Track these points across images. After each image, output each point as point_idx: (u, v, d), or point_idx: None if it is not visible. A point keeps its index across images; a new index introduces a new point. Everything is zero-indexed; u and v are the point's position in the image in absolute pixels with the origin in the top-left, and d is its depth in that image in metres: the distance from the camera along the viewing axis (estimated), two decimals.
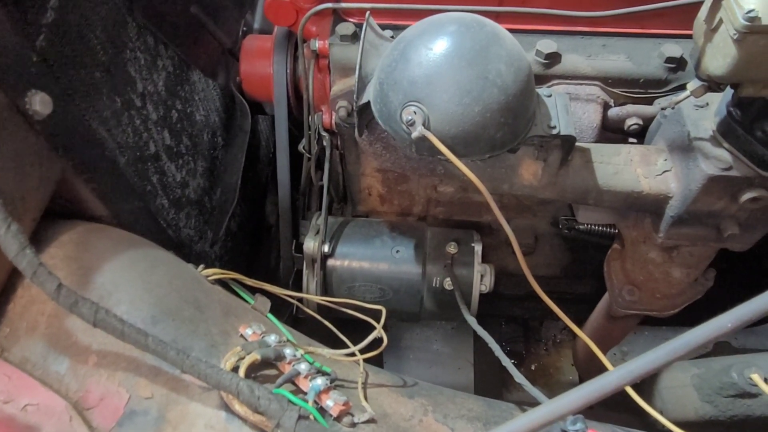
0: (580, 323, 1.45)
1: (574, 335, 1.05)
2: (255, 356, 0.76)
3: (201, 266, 0.97)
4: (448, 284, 1.23)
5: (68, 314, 0.71)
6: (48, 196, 0.84)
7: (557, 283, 1.59)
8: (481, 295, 1.24)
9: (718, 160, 0.91)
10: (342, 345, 0.93)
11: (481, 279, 1.24)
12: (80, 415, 0.70)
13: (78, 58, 0.86)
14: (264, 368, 0.79)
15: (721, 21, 0.76)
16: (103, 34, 0.92)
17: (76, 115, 0.87)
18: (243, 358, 0.76)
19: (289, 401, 0.71)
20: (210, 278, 0.95)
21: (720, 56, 0.78)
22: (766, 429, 1.13)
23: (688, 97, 0.89)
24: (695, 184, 0.93)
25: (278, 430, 0.68)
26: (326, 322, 1.09)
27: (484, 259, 1.26)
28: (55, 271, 0.71)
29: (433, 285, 1.24)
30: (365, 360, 0.91)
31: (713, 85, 0.85)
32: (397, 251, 1.26)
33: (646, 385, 1.28)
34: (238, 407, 0.71)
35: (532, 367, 2.11)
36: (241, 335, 0.84)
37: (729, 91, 0.90)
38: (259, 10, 1.50)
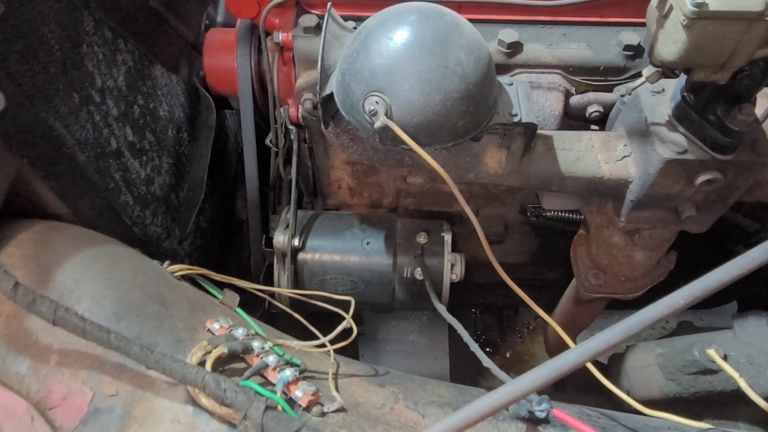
0: (550, 309, 1.48)
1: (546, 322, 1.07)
2: (222, 350, 0.76)
3: (167, 262, 0.95)
4: (418, 274, 1.24)
5: (28, 313, 0.69)
6: (3, 195, 0.82)
7: (527, 271, 1.61)
8: (453, 285, 1.26)
9: (673, 144, 0.93)
10: (315, 338, 0.93)
11: (452, 268, 1.25)
12: (42, 415, 0.69)
13: (31, 53, 0.84)
14: (232, 362, 0.79)
15: (671, 8, 0.78)
16: (58, 28, 0.90)
17: (30, 111, 0.84)
18: (210, 352, 0.75)
19: (257, 392, 0.71)
20: (176, 274, 0.94)
21: (671, 42, 0.80)
22: (727, 404, 1.17)
23: (644, 83, 0.91)
24: (653, 168, 0.95)
25: (246, 422, 0.68)
26: (297, 315, 1.09)
27: (455, 249, 1.28)
28: (12, 271, 0.70)
29: (404, 276, 1.25)
30: (336, 351, 0.91)
31: (667, 70, 0.87)
32: (368, 243, 1.26)
33: (613, 366, 1.32)
34: (204, 401, 0.70)
35: (507, 355, 2.14)
36: (208, 330, 0.83)
37: (683, 77, 0.93)
38: (222, 2, 1.49)
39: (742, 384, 0.89)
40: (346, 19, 1.03)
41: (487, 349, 2.11)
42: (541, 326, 2.16)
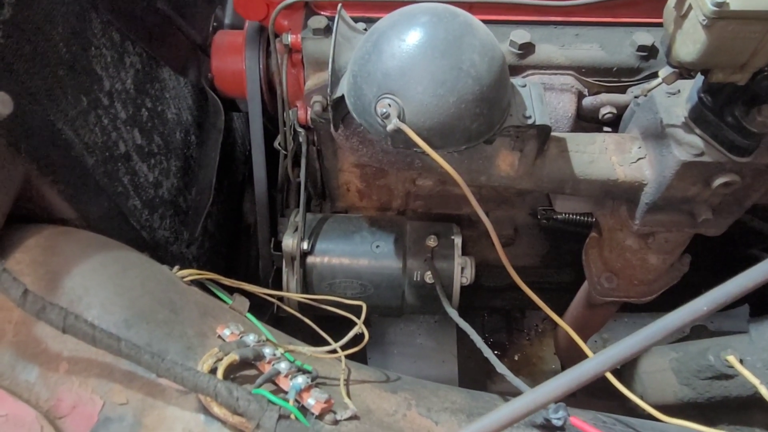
0: (560, 312, 1.46)
1: (556, 324, 1.05)
2: (233, 357, 0.75)
3: (176, 267, 0.94)
4: (428, 278, 1.22)
5: (37, 321, 0.68)
6: (11, 199, 0.81)
7: (537, 273, 1.60)
8: (463, 288, 1.24)
9: (690, 146, 0.92)
10: (325, 343, 0.92)
11: (462, 271, 1.24)
12: (52, 424, 0.68)
13: (39, 56, 0.83)
14: (243, 369, 0.78)
15: (690, 7, 0.77)
16: (66, 30, 0.89)
17: (39, 114, 0.84)
18: (221, 360, 0.74)
19: (269, 401, 0.70)
20: (185, 279, 0.93)
21: (690, 42, 0.78)
22: (743, 409, 1.15)
23: (660, 84, 0.90)
24: (669, 170, 0.93)
25: (258, 431, 0.67)
26: (307, 320, 1.08)
27: (465, 252, 1.26)
28: (21, 277, 0.69)
29: (414, 279, 1.24)
30: (347, 356, 0.90)
31: (684, 71, 0.86)
32: (377, 246, 1.25)
33: (626, 370, 1.30)
34: (216, 409, 0.69)
35: (516, 358, 2.13)
36: (219, 336, 0.82)
37: (700, 78, 0.91)
38: (230, 4, 1.48)
39: (764, 391, 0.87)
40: (356, 20, 1.02)
41: (496, 352, 2.09)
42: (550, 329, 2.15)
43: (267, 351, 0.79)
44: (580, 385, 0.61)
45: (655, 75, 0.91)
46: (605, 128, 1.16)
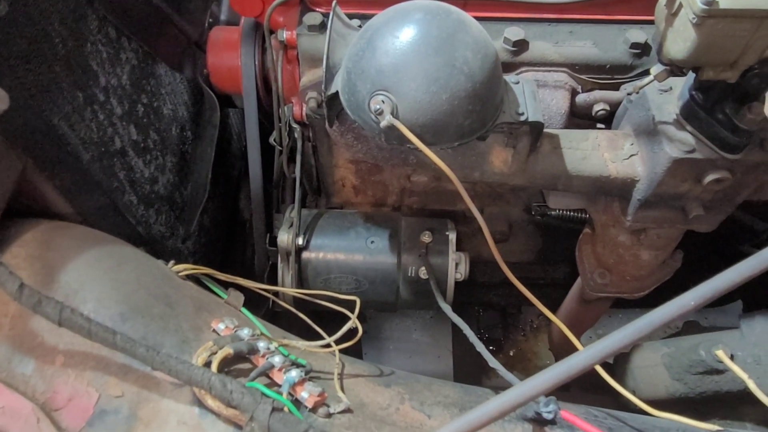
0: (555, 308, 1.47)
1: (550, 320, 1.06)
2: (227, 350, 0.75)
3: (171, 262, 0.95)
4: (423, 273, 1.23)
5: (33, 314, 0.69)
6: (8, 194, 0.81)
7: (532, 269, 1.61)
8: (457, 283, 1.25)
9: (681, 143, 0.93)
10: (320, 337, 0.93)
11: (456, 267, 1.24)
12: (48, 416, 0.68)
13: (35, 52, 0.84)
14: (237, 362, 0.79)
15: (681, 5, 0.78)
16: (62, 26, 0.90)
17: (35, 110, 0.84)
18: (215, 353, 0.75)
19: (263, 394, 0.71)
20: (181, 274, 0.93)
21: (680, 40, 0.79)
22: (734, 404, 1.17)
23: (652, 81, 0.91)
24: (660, 167, 0.94)
25: (252, 424, 0.68)
26: (302, 315, 1.09)
27: (459, 248, 1.27)
28: (17, 271, 0.70)
29: (409, 274, 1.25)
30: (341, 350, 0.91)
31: (675, 69, 0.87)
32: (372, 242, 1.26)
33: (618, 365, 1.31)
34: (210, 402, 0.70)
35: (511, 353, 2.14)
36: (214, 330, 0.83)
37: (691, 75, 0.92)
38: (226, 1, 1.48)
39: (752, 386, 0.88)
40: (350, 17, 1.02)
41: (491, 348, 2.10)
42: (545, 324, 2.16)
43: (261, 345, 0.80)
44: (569, 378, 0.62)
45: (647, 72, 0.92)
46: (598, 125, 1.17)
